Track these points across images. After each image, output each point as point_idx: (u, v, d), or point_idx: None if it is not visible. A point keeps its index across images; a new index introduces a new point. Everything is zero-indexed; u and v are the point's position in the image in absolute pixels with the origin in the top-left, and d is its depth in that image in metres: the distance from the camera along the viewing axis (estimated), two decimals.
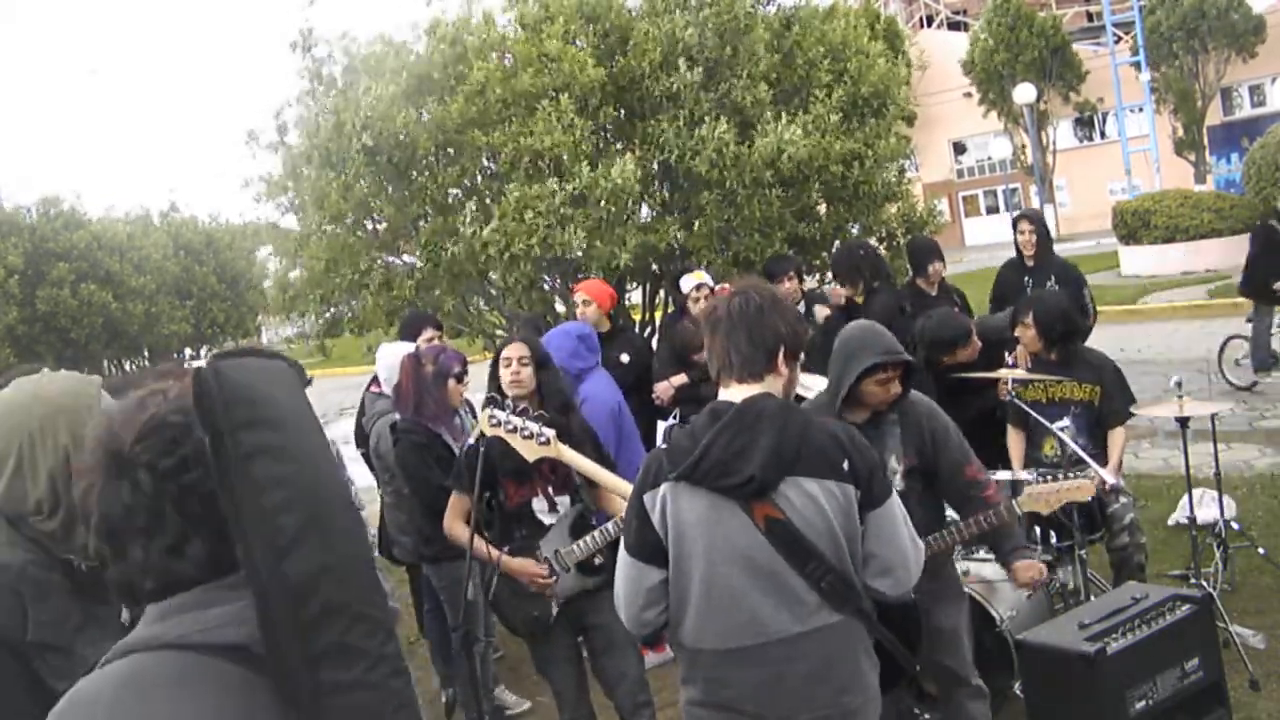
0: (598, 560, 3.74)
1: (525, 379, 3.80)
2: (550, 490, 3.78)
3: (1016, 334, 4.83)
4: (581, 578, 3.75)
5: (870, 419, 3.47)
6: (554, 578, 3.69)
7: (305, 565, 1.22)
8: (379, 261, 7.27)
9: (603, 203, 6.23)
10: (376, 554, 5.52)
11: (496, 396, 3.72)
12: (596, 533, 3.69)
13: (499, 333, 7.45)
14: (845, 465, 2.46)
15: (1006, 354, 5.18)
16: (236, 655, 1.23)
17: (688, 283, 6.02)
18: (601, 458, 3.87)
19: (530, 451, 3.53)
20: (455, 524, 3.89)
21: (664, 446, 2.60)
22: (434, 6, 7.11)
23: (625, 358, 5.85)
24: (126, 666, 1.25)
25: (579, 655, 3.88)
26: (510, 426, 3.52)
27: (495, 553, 3.69)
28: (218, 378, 1.25)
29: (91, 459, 1.31)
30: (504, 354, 3.85)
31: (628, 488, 3.39)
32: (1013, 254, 6.60)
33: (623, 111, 6.89)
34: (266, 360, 1.37)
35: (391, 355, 4.90)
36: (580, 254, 6.24)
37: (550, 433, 3.52)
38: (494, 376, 3.88)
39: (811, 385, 5.02)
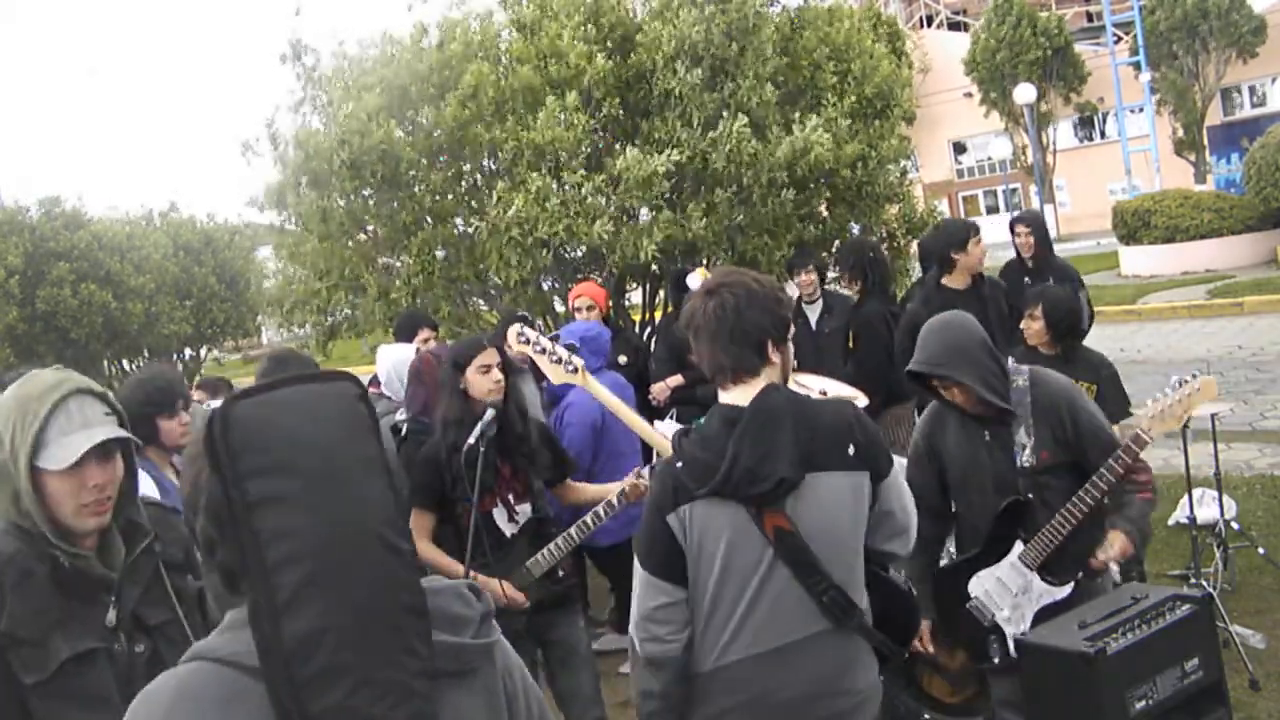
0: (560, 572, 3.68)
1: (503, 386, 3.73)
2: (511, 499, 3.69)
3: (1022, 326, 4.81)
4: (546, 585, 3.68)
5: (991, 417, 3.31)
6: (524, 595, 3.61)
7: (304, 626, 1.18)
8: (374, 268, 7.27)
9: (630, 190, 6.19)
10: None
11: (522, 332, 3.68)
12: (560, 539, 3.63)
13: None
14: (852, 450, 2.44)
15: None
16: None
17: (694, 280, 6.00)
18: (558, 462, 3.87)
19: (557, 376, 3.49)
20: (421, 543, 3.59)
21: (679, 464, 2.48)
22: (415, 12, 7.10)
23: (623, 359, 5.84)
24: (186, 674, 1.26)
25: (534, 672, 3.84)
26: (540, 348, 3.46)
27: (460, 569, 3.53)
28: (224, 422, 1.21)
29: (194, 448, 1.30)
30: (479, 360, 3.68)
31: (661, 442, 3.29)
32: (1012, 254, 6.63)
33: (623, 110, 6.89)
34: (309, 387, 1.29)
35: (393, 356, 4.88)
36: (601, 242, 6.18)
37: (579, 362, 3.46)
38: (454, 387, 3.69)
39: (811, 385, 5.02)
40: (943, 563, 3.67)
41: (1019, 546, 3.37)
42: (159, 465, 3.52)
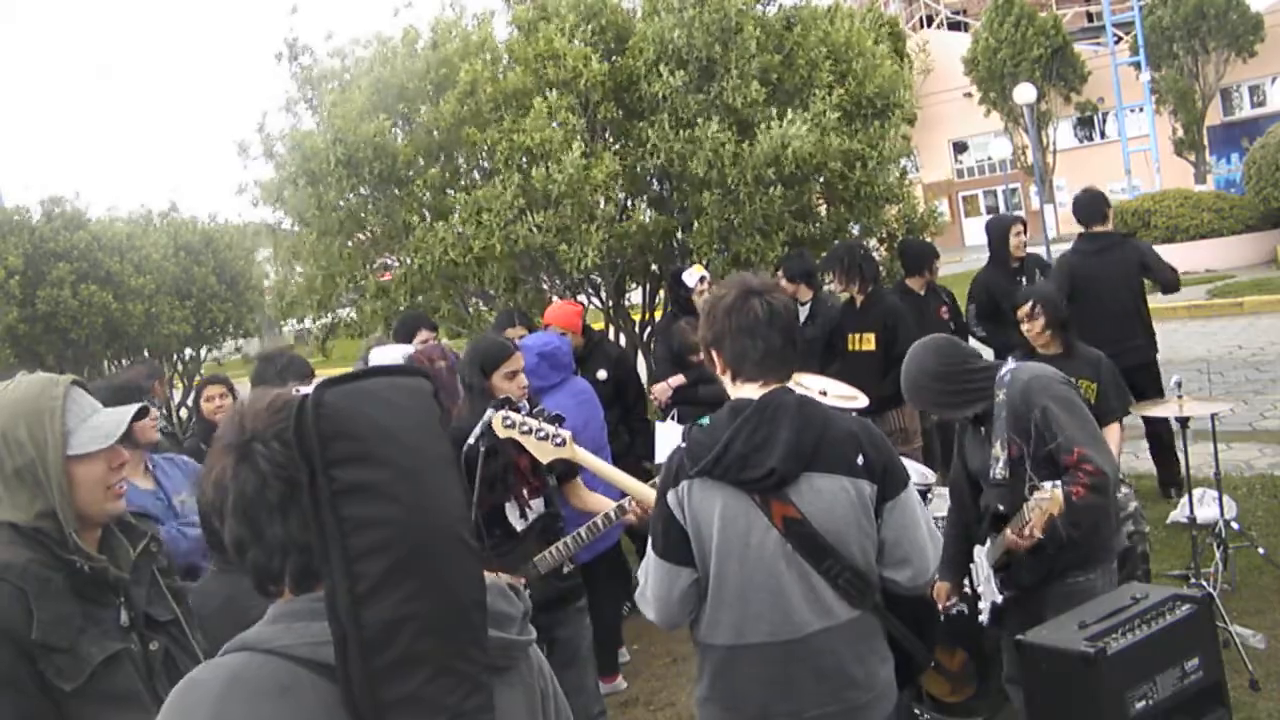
0: (566, 569, 3.67)
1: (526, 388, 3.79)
2: (525, 493, 3.67)
3: (1024, 329, 4.73)
4: (553, 583, 3.66)
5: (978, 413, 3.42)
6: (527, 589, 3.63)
7: (384, 614, 1.18)
8: (373, 267, 7.29)
9: (565, 199, 6.21)
10: None
11: (510, 398, 3.67)
12: (570, 538, 3.61)
13: None
14: (860, 460, 2.48)
15: None
16: (334, 676, 1.21)
17: (692, 277, 5.99)
18: None
19: (545, 453, 3.43)
20: None
21: (683, 445, 2.59)
22: (401, 17, 7.16)
23: (603, 374, 5.61)
24: (237, 663, 1.25)
25: None
26: (525, 428, 3.43)
27: None
28: (317, 409, 1.20)
29: (220, 447, 1.29)
30: (506, 367, 3.73)
31: (642, 489, 3.35)
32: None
33: (620, 111, 6.88)
34: (393, 380, 1.29)
35: (386, 356, 4.88)
36: (539, 248, 6.22)
37: (566, 434, 3.42)
38: (480, 390, 3.71)
39: (811, 385, 5.02)
40: None
41: (990, 542, 3.51)
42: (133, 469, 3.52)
